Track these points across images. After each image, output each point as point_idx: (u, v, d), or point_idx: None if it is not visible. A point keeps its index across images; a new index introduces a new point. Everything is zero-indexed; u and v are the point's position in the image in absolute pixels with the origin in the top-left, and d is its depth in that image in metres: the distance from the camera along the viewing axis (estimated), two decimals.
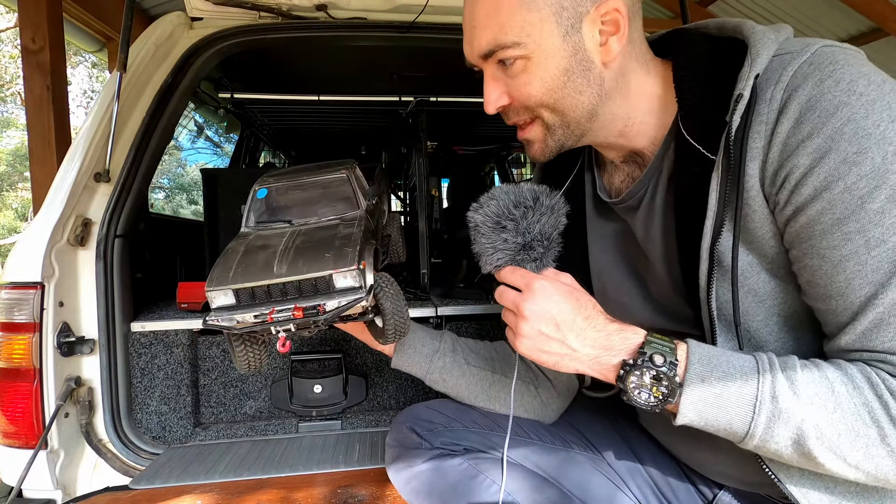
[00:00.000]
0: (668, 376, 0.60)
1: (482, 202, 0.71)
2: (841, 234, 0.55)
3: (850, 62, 0.57)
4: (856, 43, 4.15)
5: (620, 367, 0.63)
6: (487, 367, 0.94)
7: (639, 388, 0.61)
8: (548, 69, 0.66)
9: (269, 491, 1.12)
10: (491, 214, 0.70)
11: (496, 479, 0.82)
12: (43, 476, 1.20)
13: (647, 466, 0.87)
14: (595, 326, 0.65)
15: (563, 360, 0.66)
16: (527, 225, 0.69)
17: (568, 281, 0.70)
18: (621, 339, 0.64)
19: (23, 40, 2.71)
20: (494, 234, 0.70)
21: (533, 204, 0.70)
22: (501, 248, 0.70)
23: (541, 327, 0.65)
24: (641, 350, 0.62)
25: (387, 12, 1.59)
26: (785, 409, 0.56)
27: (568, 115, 0.69)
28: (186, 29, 1.52)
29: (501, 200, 0.70)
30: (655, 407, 0.61)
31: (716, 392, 0.58)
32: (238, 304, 0.76)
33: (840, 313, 0.58)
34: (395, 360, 0.96)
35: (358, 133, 3.05)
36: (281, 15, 1.54)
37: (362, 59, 2.04)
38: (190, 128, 4.00)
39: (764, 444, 0.58)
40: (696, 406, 0.59)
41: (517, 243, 0.69)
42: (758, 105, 0.59)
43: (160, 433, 1.41)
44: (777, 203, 0.60)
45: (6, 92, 12.69)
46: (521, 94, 0.68)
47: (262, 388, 1.51)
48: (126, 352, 1.35)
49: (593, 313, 0.66)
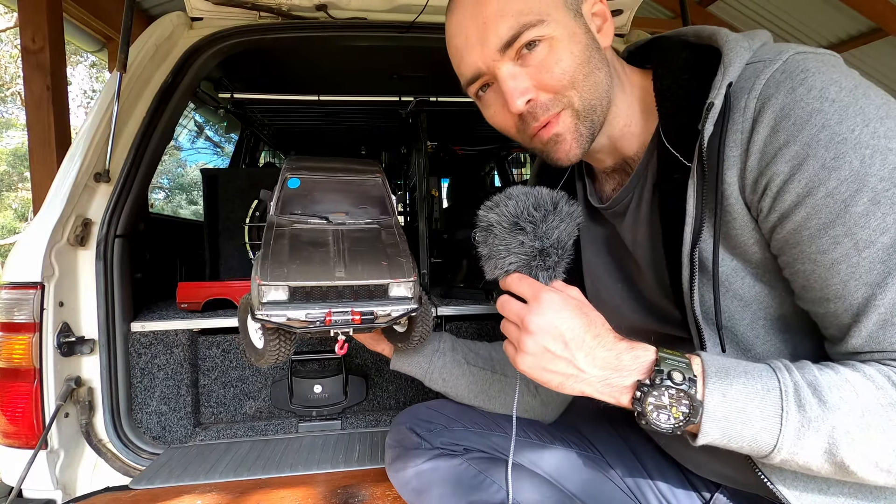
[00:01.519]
0: (688, 394, 0.56)
1: (498, 201, 0.67)
2: (829, 238, 0.56)
3: (822, 69, 0.57)
4: (856, 43, 4.15)
5: (635, 387, 0.59)
6: (487, 367, 0.94)
7: (657, 410, 0.58)
8: (571, 45, 0.65)
9: (269, 491, 1.12)
10: (508, 214, 0.65)
11: (496, 479, 0.82)
12: (43, 476, 1.20)
13: (647, 466, 0.87)
14: (605, 345, 0.61)
15: (567, 382, 0.62)
16: (546, 229, 0.65)
17: (576, 295, 0.66)
18: (632, 357, 0.61)
19: (23, 40, 2.71)
20: (510, 235, 0.65)
21: (553, 208, 0.66)
22: (516, 252, 0.65)
23: (547, 344, 0.61)
24: (657, 368, 0.58)
25: (387, 12, 1.59)
26: (814, 418, 0.54)
27: (594, 94, 0.67)
28: (186, 29, 1.52)
29: (520, 201, 0.66)
30: (676, 429, 0.58)
31: (738, 406, 0.56)
32: (290, 300, 0.74)
33: (840, 315, 0.58)
34: (395, 362, 0.95)
35: (358, 133, 3.05)
36: (281, 15, 1.54)
37: (362, 59, 2.04)
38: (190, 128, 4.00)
39: (792, 456, 0.56)
40: (719, 424, 0.56)
41: (534, 248, 0.65)
42: (732, 114, 0.60)
43: (160, 433, 1.41)
44: (760, 210, 0.60)
45: (6, 92, 12.69)
46: (554, 74, 0.65)
47: (262, 388, 1.51)
48: (126, 352, 1.35)
49: (603, 331, 0.62)
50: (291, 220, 0.84)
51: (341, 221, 0.87)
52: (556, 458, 0.88)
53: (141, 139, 1.39)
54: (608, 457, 0.90)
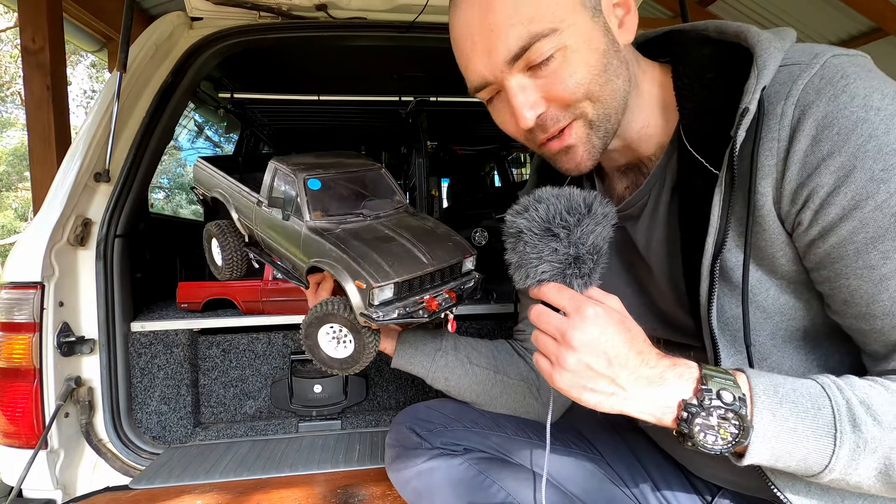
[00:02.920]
0: (738, 414, 0.54)
1: (527, 205, 0.62)
2: (878, 252, 0.54)
3: (861, 74, 0.55)
4: (856, 43, 4.15)
5: (681, 408, 0.56)
6: (490, 368, 0.94)
7: (705, 431, 0.55)
8: (588, 53, 0.60)
9: (269, 491, 1.12)
10: (540, 220, 0.60)
11: (496, 479, 0.82)
12: (43, 476, 1.20)
13: (648, 468, 0.87)
14: (648, 363, 0.58)
15: (608, 401, 0.58)
16: (581, 234, 0.60)
17: (617, 307, 0.62)
18: (675, 375, 0.58)
19: (23, 40, 2.71)
20: (542, 242, 0.60)
21: (587, 211, 0.61)
22: (549, 260, 0.60)
23: (590, 361, 0.57)
24: (704, 387, 0.55)
25: (387, 12, 1.59)
26: (871, 438, 0.52)
27: (610, 104, 0.64)
28: (186, 29, 1.52)
29: (552, 204, 0.61)
30: (723, 450, 0.55)
31: (789, 426, 0.53)
32: (396, 296, 0.76)
33: (888, 332, 0.56)
34: (396, 360, 0.94)
35: (358, 133, 3.05)
36: (281, 15, 1.54)
37: (362, 59, 2.04)
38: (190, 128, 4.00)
39: (844, 476, 0.54)
40: (769, 444, 0.54)
41: (568, 255, 0.60)
42: (767, 121, 0.57)
43: (160, 433, 1.41)
44: (799, 223, 0.57)
45: (6, 92, 12.69)
46: (567, 87, 0.61)
47: (262, 387, 1.51)
48: (126, 352, 1.35)
49: (645, 347, 0.59)
50: (329, 222, 0.82)
51: (375, 215, 0.87)
52: (557, 459, 0.88)
53: (141, 139, 1.39)
54: (609, 458, 0.90)
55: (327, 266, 0.76)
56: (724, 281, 0.63)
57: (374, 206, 0.87)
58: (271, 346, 1.51)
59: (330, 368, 0.84)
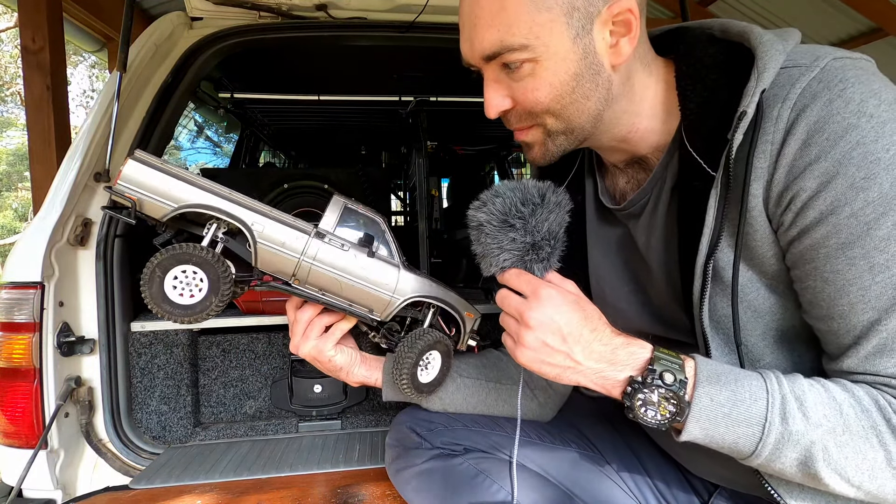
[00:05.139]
0: (677, 395, 0.58)
1: (485, 199, 0.67)
2: (845, 258, 0.55)
3: (861, 78, 0.55)
4: (856, 43, 4.15)
5: (627, 383, 0.61)
6: (481, 377, 0.93)
7: (645, 406, 0.60)
8: (557, 74, 0.62)
9: (269, 491, 1.12)
10: (497, 212, 0.66)
11: (496, 479, 0.82)
12: (43, 476, 1.20)
13: (646, 465, 0.87)
14: (601, 340, 0.63)
15: (565, 373, 0.64)
16: (535, 223, 0.65)
17: (573, 289, 0.67)
18: (627, 353, 0.62)
19: (23, 40, 2.71)
20: (501, 233, 0.66)
21: (540, 201, 0.66)
22: (508, 249, 0.66)
23: (545, 338, 0.62)
24: (650, 367, 0.60)
25: (387, 12, 1.59)
26: (795, 432, 0.56)
27: (573, 121, 0.66)
28: (186, 29, 1.52)
29: (507, 198, 0.66)
30: (661, 425, 0.60)
31: (724, 412, 0.57)
32: None
33: (842, 335, 0.58)
34: (387, 392, 0.91)
35: (358, 133, 3.05)
36: (281, 15, 1.54)
37: (362, 59, 2.04)
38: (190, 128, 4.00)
39: (769, 463, 0.58)
40: (703, 425, 0.58)
41: (526, 243, 0.65)
42: (764, 123, 0.57)
43: (160, 433, 1.41)
44: (781, 223, 0.59)
45: (6, 92, 12.70)
46: (528, 99, 0.65)
47: (262, 387, 1.51)
48: (126, 352, 1.35)
49: (599, 325, 0.64)
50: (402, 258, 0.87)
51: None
52: (555, 457, 0.88)
53: (141, 139, 1.39)
54: (608, 456, 0.90)
55: (433, 300, 0.83)
56: (716, 280, 0.64)
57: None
58: (271, 346, 1.51)
59: (419, 394, 0.86)
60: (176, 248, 0.70)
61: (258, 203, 0.75)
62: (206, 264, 0.71)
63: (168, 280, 0.70)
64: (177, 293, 0.71)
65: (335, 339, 0.83)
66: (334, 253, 0.77)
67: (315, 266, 0.76)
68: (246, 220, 0.73)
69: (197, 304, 0.72)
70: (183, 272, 0.71)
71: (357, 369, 0.89)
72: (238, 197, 0.75)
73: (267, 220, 0.74)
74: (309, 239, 0.75)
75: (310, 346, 0.82)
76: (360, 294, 0.79)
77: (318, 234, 0.77)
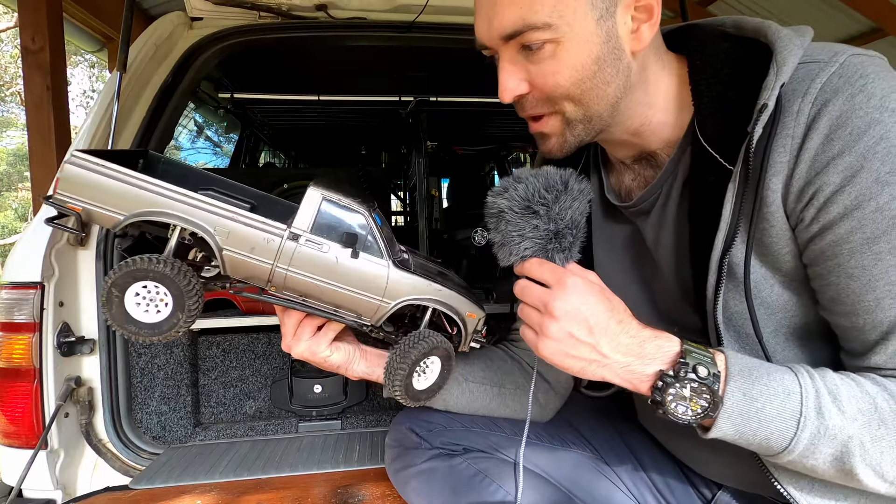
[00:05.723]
0: (710, 389, 0.56)
1: (507, 186, 0.64)
2: (871, 253, 0.54)
3: (881, 75, 0.55)
4: (856, 43, 4.15)
5: (657, 377, 0.59)
6: (487, 382, 0.92)
7: (676, 401, 0.57)
8: (579, 56, 0.60)
9: (269, 491, 1.12)
10: (519, 198, 0.62)
11: (496, 479, 0.82)
12: (43, 476, 1.20)
13: (645, 465, 0.87)
14: (628, 332, 0.60)
15: (589, 367, 0.61)
16: (559, 210, 0.62)
17: (595, 279, 0.64)
18: (655, 346, 0.60)
19: (23, 40, 2.70)
20: (523, 220, 0.63)
21: (564, 188, 0.63)
22: (530, 237, 0.63)
23: (571, 329, 0.59)
24: (682, 360, 0.58)
25: (387, 12, 1.59)
26: (832, 426, 0.54)
27: (592, 108, 0.64)
28: (186, 29, 1.52)
29: (530, 183, 0.62)
30: (692, 421, 0.58)
31: (757, 407, 0.56)
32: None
33: (868, 331, 0.57)
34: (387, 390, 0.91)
35: (358, 133, 3.05)
36: (281, 15, 1.54)
37: (362, 59, 2.04)
38: (190, 128, 4.00)
39: (802, 459, 0.57)
40: (734, 421, 0.57)
41: (549, 230, 0.62)
42: (783, 117, 0.57)
43: (160, 433, 1.41)
44: (801, 220, 0.58)
45: (6, 92, 12.69)
46: (547, 83, 0.62)
47: (262, 388, 1.51)
48: (126, 352, 1.35)
49: (626, 317, 0.61)
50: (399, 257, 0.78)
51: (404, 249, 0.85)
52: (555, 457, 0.88)
53: (141, 139, 1.39)
54: (607, 456, 0.90)
55: (430, 302, 0.75)
56: (729, 277, 0.63)
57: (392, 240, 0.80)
58: (271, 346, 1.51)
59: (416, 402, 0.79)
60: (130, 264, 0.62)
61: (223, 204, 0.66)
62: (165, 279, 0.63)
63: (129, 298, 0.64)
64: (142, 310, 0.65)
65: (328, 340, 0.79)
66: (312, 256, 0.68)
67: (291, 273, 0.68)
68: (206, 227, 0.65)
69: (164, 322, 0.65)
70: (144, 287, 0.64)
71: (357, 365, 0.83)
72: (198, 199, 0.65)
73: (232, 223, 0.65)
74: (282, 242, 0.67)
75: (302, 348, 0.78)
76: (346, 299, 0.71)
77: (293, 235, 0.68)
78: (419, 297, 0.74)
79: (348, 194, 0.72)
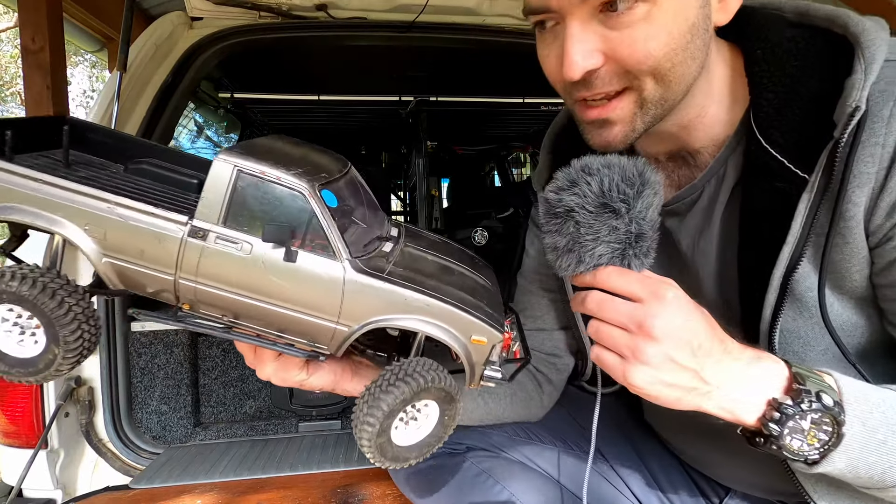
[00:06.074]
0: (836, 420, 0.48)
1: (574, 178, 0.52)
2: None
3: None
4: None
5: (771, 407, 0.50)
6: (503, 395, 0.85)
7: (792, 435, 0.49)
8: (677, 20, 0.51)
9: (269, 490, 1.12)
10: (593, 194, 0.51)
11: (499, 479, 0.81)
12: (43, 476, 1.20)
13: (651, 469, 0.85)
14: (732, 353, 0.51)
15: (686, 397, 0.51)
16: (642, 207, 0.52)
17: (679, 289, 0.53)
18: (762, 369, 0.51)
19: (23, 40, 2.70)
20: (598, 220, 0.51)
21: (642, 181, 0.52)
22: (607, 240, 0.52)
23: (674, 353, 0.49)
24: (801, 386, 0.49)
25: (387, 12, 1.59)
26: None
27: (672, 88, 0.54)
28: (186, 29, 1.52)
29: (606, 176, 0.51)
30: (806, 457, 0.50)
31: (879, 438, 0.49)
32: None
33: None
34: None
35: (358, 133, 3.05)
36: (281, 15, 1.54)
37: (362, 58, 2.04)
38: (190, 128, 4.01)
39: None
40: (851, 454, 0.49)
41: (629, 232, 0.52)
42: (871, 123, 0.50)
43: (160, 433, 1.41)
44: (889, 238, 0.52)
45: (6, 92, 12.70)
46: (636, 52, 0.51)
47: (262, 387, 1.51)
48: (126, 351, 1.35)
49: (725, 335, 0.52)
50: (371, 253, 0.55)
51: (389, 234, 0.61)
52: (561, 460, 0.88)
53: None
54: (613, 460, 0.88)
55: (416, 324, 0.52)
56: (791, 297, 0.57)
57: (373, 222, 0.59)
58: None
59: (398, 463, 0.57)
60: None
61: (97, 192, 0.48)
62: (23, 301, 0.47)
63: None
64: (14, 341, 0.49)
65: (300, 362, 0.62)
66: (227, 260, 0.48)
67: (202, 286, 0.49)
68: (67, 233, 0.49)
69: (38, 359, 0.49)
70: (10, 310, 0.48)
71: (348, 384, 0.66)
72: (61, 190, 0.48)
73: (108, 217, 0.48)
74: (182, 242, 0.48)
75: (268, 372, 0.62)
76: (286, 321, 0.51)
77: (197, 231, 0.48)
78: (393, 318, 0.52)
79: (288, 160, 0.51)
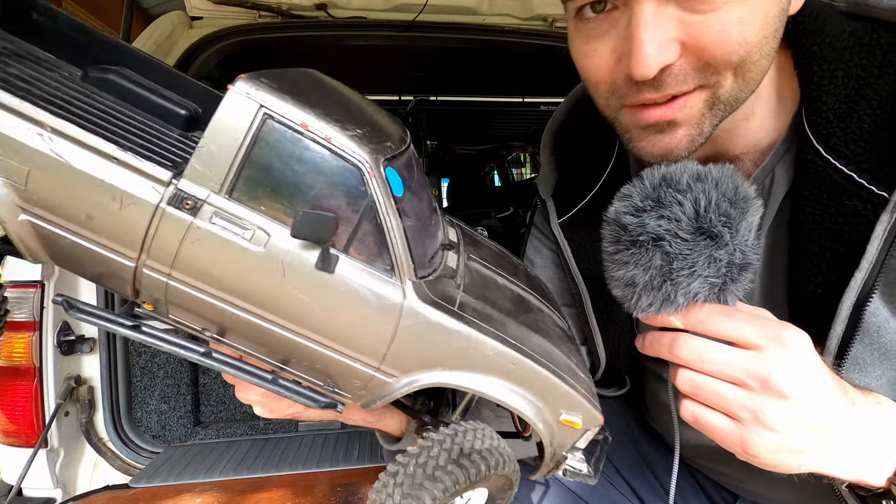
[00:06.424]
0: None
1: (658, 196, 0.42)
2: None
3: None
4: None
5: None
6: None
7: None
8: (773, 4, 0.43)
9: (268, 490, 1.12)
10: (688, 217, 0.41)
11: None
12: (43, 475, 1.20)
13: (659, 477, 0.83)
14: (854, 401, 0.43)
15: (809, 460, 0.43)
16: (745, 232, 0.42)
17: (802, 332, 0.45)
18: (885, 420, 0.44)
19: None
20: (694, 249, 0.41)
21: (743, 198, 0.43)
22: (704, 274, 0.42)
23: (809, 414, 0.41)
24: None
25: (387, 11, 1.60)
26: None
27: (750, 85, 0.46)
28: (186, 28, 1.53)
29: (701, 193, 0.41)
30: None
31: None
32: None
33: None
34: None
35: None
36: (281, 14, 1.55)
37: (362, 58, 2.05)
38: None
39: None
40: None
41: (732, 263, 0.42)
42: None
43: (160, 432, 1.41)
44: None
45: None
46: (727, 40, 0.42)
47: None
48: (126, 350, 1.35)
49: (841, 380, 0.45)
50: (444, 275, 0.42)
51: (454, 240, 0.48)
52: None
53: None
54: (620, 466, 0.85)
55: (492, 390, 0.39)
56: (861, 330, 0.50)
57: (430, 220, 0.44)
58: None
59: None
60: None
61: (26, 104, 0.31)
62: None
63: None
64: None
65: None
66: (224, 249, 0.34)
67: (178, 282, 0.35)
68: None
69: None
70: None
71: (353, 413, 0.57)
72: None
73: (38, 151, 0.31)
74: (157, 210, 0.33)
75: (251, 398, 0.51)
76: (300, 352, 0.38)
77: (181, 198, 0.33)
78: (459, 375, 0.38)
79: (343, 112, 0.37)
